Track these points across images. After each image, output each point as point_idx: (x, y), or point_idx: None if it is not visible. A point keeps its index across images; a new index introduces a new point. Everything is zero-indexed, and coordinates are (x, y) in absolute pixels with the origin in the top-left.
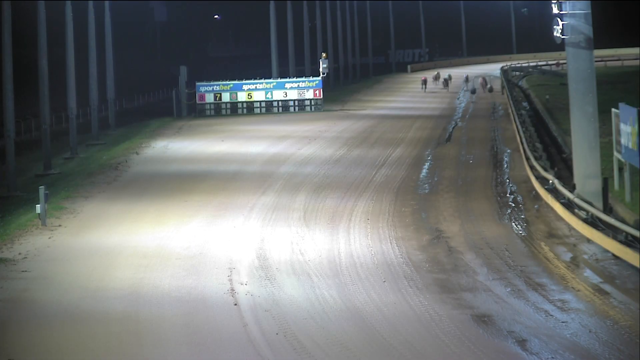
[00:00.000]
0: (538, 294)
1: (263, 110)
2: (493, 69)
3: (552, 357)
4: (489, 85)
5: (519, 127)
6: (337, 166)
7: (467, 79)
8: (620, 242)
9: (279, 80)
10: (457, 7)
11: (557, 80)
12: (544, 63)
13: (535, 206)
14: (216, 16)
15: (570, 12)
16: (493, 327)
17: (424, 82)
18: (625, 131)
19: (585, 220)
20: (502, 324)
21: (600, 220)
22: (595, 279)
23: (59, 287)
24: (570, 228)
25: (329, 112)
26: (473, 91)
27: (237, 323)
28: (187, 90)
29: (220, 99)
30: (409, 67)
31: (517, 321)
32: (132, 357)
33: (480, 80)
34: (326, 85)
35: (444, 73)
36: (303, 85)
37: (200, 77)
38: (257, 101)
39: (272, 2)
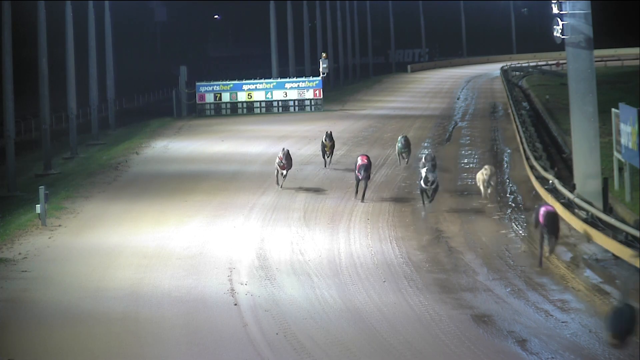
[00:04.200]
0: (538, 294)
1: (263, 110)
2: (493, 69)
3: (552, 357)
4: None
5: (519, 127)
6: (337, 166)
7: (427, 161)
8: (620, 242)
9: (279, 80)
10: (457, 7)
11: (557, 80)
12: (544, 63)
13: (536, 206)
14: (216, 16)
15: (570, 12)
16: (493, 327)
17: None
18: (625, 131)
19: (585, 220)
20: (502, 324)
21: (600, 220)
22: (595, 279)
23: (59, 287)
24: (570, 228)
25: (329, 112)
26: None
27: (237, 323)
28: (187, 90)
29: (220, 99)
30: (409, 67)
31: (517, 321)
32: (132, 357)
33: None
34: (326, 85)
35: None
36: (303, 85)
37: (200, 77)
38: (257, 101)
39: (272, 2)
